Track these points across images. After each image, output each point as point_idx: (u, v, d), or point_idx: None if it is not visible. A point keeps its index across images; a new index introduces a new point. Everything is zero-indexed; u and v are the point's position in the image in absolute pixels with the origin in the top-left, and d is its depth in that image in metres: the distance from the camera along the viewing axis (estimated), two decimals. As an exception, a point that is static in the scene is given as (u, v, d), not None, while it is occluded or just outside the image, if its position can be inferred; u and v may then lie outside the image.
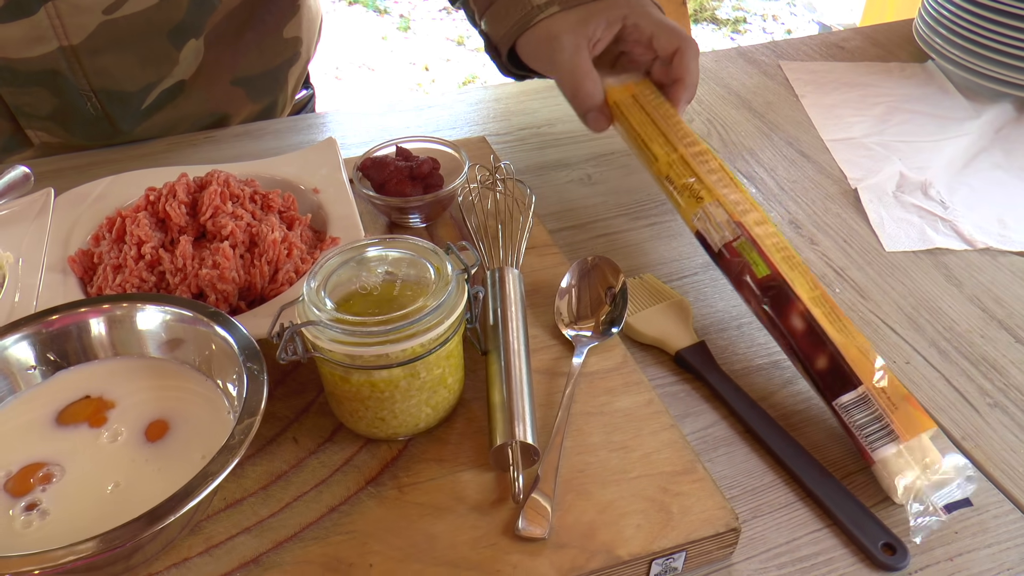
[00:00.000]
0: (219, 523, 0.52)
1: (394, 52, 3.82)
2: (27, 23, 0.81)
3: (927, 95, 1.01)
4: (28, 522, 0.48)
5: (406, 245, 0.56)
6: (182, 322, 0.56)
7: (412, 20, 4.07)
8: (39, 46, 0.83)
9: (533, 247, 0.73)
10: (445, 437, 0.57)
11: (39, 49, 0.84)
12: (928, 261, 0.77)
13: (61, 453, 0.52)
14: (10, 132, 0.90)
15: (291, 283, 0.63)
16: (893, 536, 0.54)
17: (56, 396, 0.55)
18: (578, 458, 0.56)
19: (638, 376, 0.61)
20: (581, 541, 0.51)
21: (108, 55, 0.87)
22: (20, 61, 0.84)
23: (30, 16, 0.81)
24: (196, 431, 0.53)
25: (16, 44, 0.83)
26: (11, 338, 0.54)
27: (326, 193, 0.72)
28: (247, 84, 0.99)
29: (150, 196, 0.67)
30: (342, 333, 0.51)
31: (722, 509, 0.53)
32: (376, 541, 0.51)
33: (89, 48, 0.85)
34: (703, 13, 4.04)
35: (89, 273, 0.65)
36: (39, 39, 0.83)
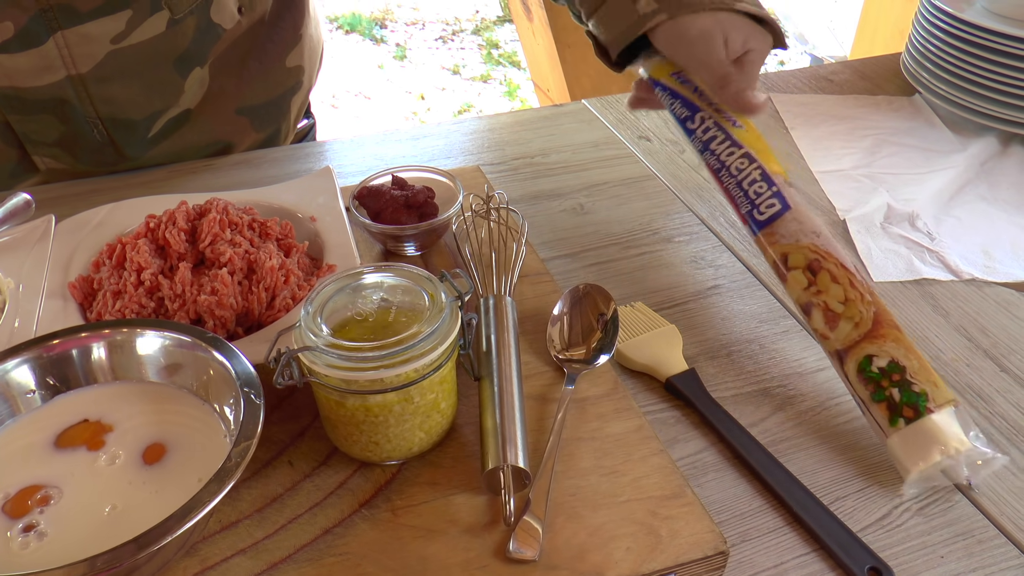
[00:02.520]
0: (215, 545, 0.53)
1: (391, 81, 3.86)
2: (36, 53, 0.83)
3: (914, 128, 1.03)
4: (26, 543, 0.49)
5: (401, 273, 0.57)
6: (181, 347, 0.57)
7: (408, 49, 4.11)
8: (47, 75, 0.85)
9: (526, 275, 0.74)
10: (438, 461, 0.58)
11: (47, 78, 0.85)
12: (915, 291, 0.78)
13: (59, 476, 0.52)
14: (17, 159, 0.92)
15: (288, 309, 0.64)
16: (879, 560, 0.55)
17: (55, 419, 0.56)
18: (569, 482, 0.56)
19: (628, 402, 0.62)
20: (571, 563, 0.52)
21: (115, 84, 0.88)
22: (29, 90, 0.85)
23: (39, 46, 0.83)
24: (193, 455, 0.54)
25: (25, 73, 0.84)
26: (12, 362, 0.55)
27: (323, 221, 0.73)
28: (251, 113, 1.01)
29: (150, 223, 0.68)
30: (338, 358, 0.52)
31: (711, 533, 0.53)
32: (369, 563, 0.52)
33: (96, 77, 0.87)
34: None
35: (89, 299, 0.66)
36: (47, 68, 0.84)
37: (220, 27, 0.93)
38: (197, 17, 0.90)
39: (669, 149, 1.00)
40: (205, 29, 0.91)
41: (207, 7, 0.91)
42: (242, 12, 0.95)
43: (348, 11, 4.32)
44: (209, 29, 0.92)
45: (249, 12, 0.96)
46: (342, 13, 4.32)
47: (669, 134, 1.03)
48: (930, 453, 0.58)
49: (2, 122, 0.88)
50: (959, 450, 0.57)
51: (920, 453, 0.58)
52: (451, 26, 4.31)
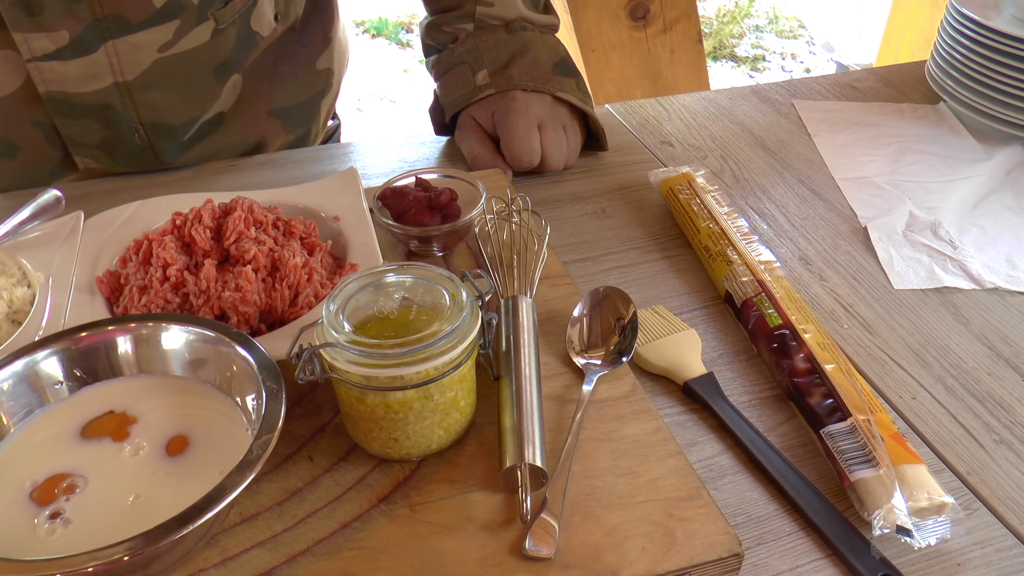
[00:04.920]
0: (235, 537, 0.54)
1: (416, 85, 3.87)
2: (86, 60, 0.86)
3: (938, 136, 1.03)
4: (52, 530, 0.50)
5: (423, 272, 0.58)
6: (205, 342, 0.58)
7: (434, 54, 4.12)
8: (96, 82, 0.88)
9: (547, 277, 0.74)
10: (456, 459, 0.59)
11: (95, 85, 0.88)
12: (936, 299, 0.78)
13: (85, 465, 0.53)
14: (59, 159, 0.94)
15: (310, 307, 0.65)
16: (892, 567, 0.55)
17: (81, 410, 0.57)
18: (586, 482, 0.57)
19: (646, 404, 0.63)
20: (586, 562, 0.52)
21: (158, 91, 0.91)
22: (77, 95, 0.88)
23: (90, 54, 0.85)
24: (215, 447, 0.54)
25: (75, 80, 0.87)
26: (41, 353, 0.57)
27: (346, 221, 0.74)
28: (282, 115, 1.03)
29: (176, 220, 0.69)
30: (359, 355, 0.52)
31: (726, 535, 0.54)
32: (386, 558, 0.52)
33: (141, 84, 0.90)
34: (722, 51, 4.08)
35: (116, 293, 0.67)
36: (96, 75, 0.87)
37: (259, 35, 0.96)
38: (238, 26, 0.93)
39: (691, 154, 1.00)
40: (245, 38, 0.94)
41: (248, 16, 0.94)
42: (278, 20, 0.98)
43: (375, 16, 4.35)
44: (249, 37, 0.95)
45: (284, 19, 0.99)
46: (368, 18, 4.35)
47: (691, 139, 1.03)
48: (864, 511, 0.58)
49: (49, 125, 0.91)
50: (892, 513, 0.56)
51: None
52: (477, 31, 4.32)
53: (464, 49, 0.96)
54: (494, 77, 0.94)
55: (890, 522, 0.55)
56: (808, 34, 4.21)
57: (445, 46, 0.99)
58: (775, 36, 4.24)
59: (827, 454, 0.61)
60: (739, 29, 4.23)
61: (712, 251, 0.78)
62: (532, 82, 0.93)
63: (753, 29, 4.29)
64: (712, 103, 1.12)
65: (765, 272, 0.74)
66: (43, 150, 0.93)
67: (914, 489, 0.57)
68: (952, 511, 0.57)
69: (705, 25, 4.19)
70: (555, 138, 0.93)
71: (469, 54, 0.96)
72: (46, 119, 0.90)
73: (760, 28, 4.30)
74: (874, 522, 0.56)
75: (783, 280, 0.74)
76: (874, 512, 0.56)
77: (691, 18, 1.64)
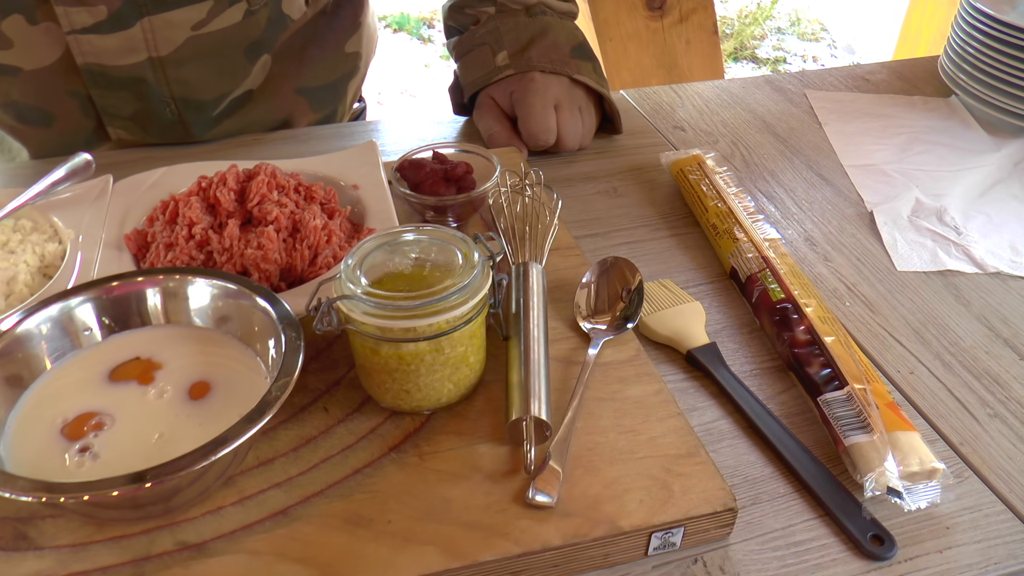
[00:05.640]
0: (252, 478, 0.56)
1: (436, 80, 3.90)
2: (123, 35, 0.89)
3: (948, 128, 1.05)
4: (81, 463, 0.52)
5: (437, 233, 0.60)
6: (228, 295, 0.61)
7: (456, 49, 4.15)
8: (131, 56, 0.91)
9: (557, 248, 0.77)
10: (465, 413, 0.61)
11: (131, 58, 0.91)
12: (938, 281, 0.80)
13: (112, 405, 0.56)
14: (92, 128, 0.98)
15: (329, 267, 0.67)
16: (882, 528, 0.57)
17: (110, 356, 0.60)
18: (588, 438, 0.59)
19: (649, 368, 0.65)
20: (586, 512, 0.54)
21: (190, 67, 0.94)
22: (112, 68, 0.92)
23: (127, 29, 0.89)
24: (235, 392, 0.57)
25: (112, 53, 0.90)
26: (75, 300, 0.60)
27: (365, 189, 0.77)
28: (310, 94, 1.06)
29: (202, 183, 0.72)
30: (374, 307, 0.55)
31: (721, 491, 0.56)
32: (395, 501, 0.55)
33: (174, 60, 0.93)
34: (743, 51, 4.08)
35: (142, 250, 0.70)
36: (132, 50, 0.91)
37: (289, 18, 0.99)
38: (270, 9, 0.96)
39: (703, 139, 1.02)
40: (276, 20, 0.98)
41: (279, 0, 0.97)
42: (308, 4, 1.01)
43: (397, 11, 4.37)
44: (279, 20, 0.98)
45: (314, 4, 1.02)
46: (391, 12, 4.38)
47: (703, 125, 1.05)
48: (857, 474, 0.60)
49: (85, 95, 0.95)
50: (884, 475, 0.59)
51: None
52: (498, 27, 4.34)
53: (485, 31, 0.99)
54: (513, 58, 0.96)
55: (881, 484, 0.58)
56: (830, 37, 4.21)
57: (466, 28, 1.02)
58: (797, 38, 4.24)
59: (823, 420, 0.63)
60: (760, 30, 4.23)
61: (719, 229, 0.81)
62: (550, 64, 0.96)
63: (775, 31, 4.29)
64: (725, 91, 1.14)
65: (769, 249, 0.76)
66: (78, 120, 0.96)
67: (906, 454, 0.59)
68: (943, 477, 0.59)
69: (726, 26, 4.20)
70: (571, 118, 0.96)
71: (490, 36, 0.98)
72: (82, 90, 0.93)
73: (782, 30, 4.30)
74: (866, 484, 0.58)
75: (787, 257, 0.76)
76: (866, 475, 0.58)
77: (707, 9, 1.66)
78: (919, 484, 0.59)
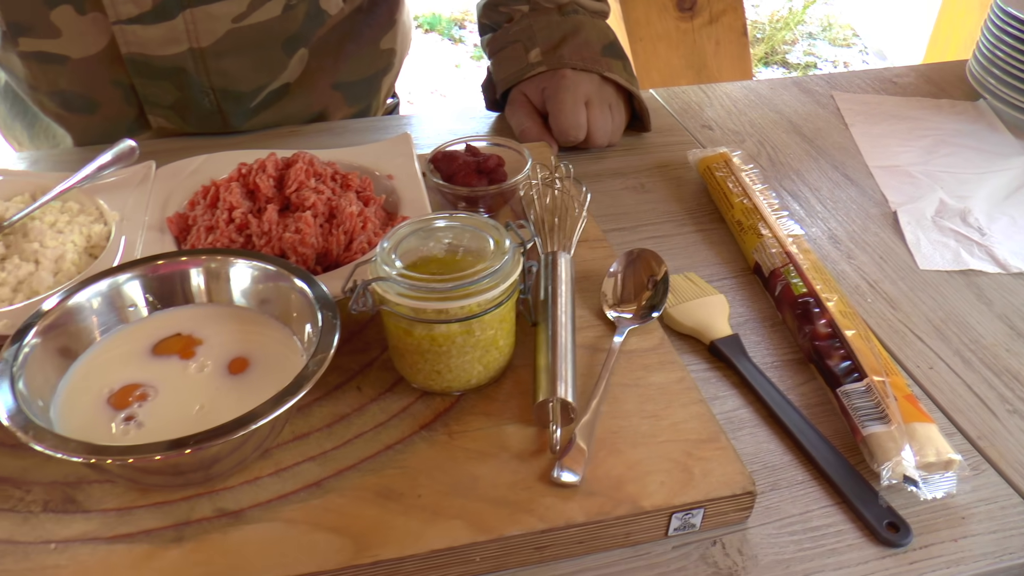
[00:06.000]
0: (287, 451, 0.59)
1: (466, 80, 3.92)
2: (166, 26, 0.92)
3: (976, 131, 1.06)
4: (126, 431, 0.55)
5: (470, 220, 0.62)
6: (267, 276, 0.63)
7: (486, 50, 4.17)
8: (173, 46, 0.94)
9: (585, 240, 0.79)
10: (493, 395, 0.63)
11: (172, 49, 0.94)
12: (960, 280, 0.81)
13: (155, 378, 0.59)
14: (134, 117, 1.01)
15: (363, 252, 0.70)
16: (898, 516, 0.59)
17: (153, 331, 0.62)
18: (612, 422, 0.61)
19: (673, 357, 0.67)
20: (609, 491, 0.56)
21: (229, 58, 0.97)
22: (155, 58, 0.95)
23: (170, 20, 0.92)
24: (272, 369, 0.59)
25: (155, 43, 0.93)
26: (123, 276, 0.62)
27: (399, 179, 0.79)
28: (345, 89, 1.09)
29: (242, 169, 0.74)
30: (408, 289, 0.57)
31: (740, 475, 0.57)
32: (425, 476, 0.57)
33: (214, 51, 0.96)
34: (774, 56, 4.08)
35: (184, 233, 0.73)
36: (174, 40, 0.94)
37: (326, 13, 1.01)
38: (308, 3, 0.98)
39: (730, 138, 1.04)
40: (314, 15, 1.00)
41: None
42: (345, 0, 1.03)
43: (428, 11, 4.41)
44: (317, 15, 1.00)
45: (351, 0, 1.04)
46: (422, 13, 4.41)
47: (731, 124, 1.07)
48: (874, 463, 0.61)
49: (127, 84, 0.98)
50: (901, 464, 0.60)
51: None
52: (529, 28, 4.35)
53: (519, 28, 1.01)
54: (546, 55, 0.98)
55: (898, 473, 0.59)
56: (861, 42, 4.20)
57: (500, 26, 1.04)
58: (828, 44, 4.24)
59: (842, 411, 0.65)
60: (792, 35, 4.23)
61: (744, 225, 0.82)
62: (582, 61, 0.98)
63: (806, 36, 4.29)
64: (753, 92, 1.15)
65: (793, 245, 0.78)
66: (120, 108, 0.99)
67: (923, 445, 0.60)
68: (959, 468, 0.60)
69: (757, 30, 4.20)
70: (601, 115, 0.98)
71: (523, 33, 1.01)
72: (125, 79, 0.96)
73: (813, 35, 4.30)
74: (883, 473, 0.59)
75: (810, 253, 0.77)
76: (883, 464, 0.60)
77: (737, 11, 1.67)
78: (935, 474, 0.60)
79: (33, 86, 0.98)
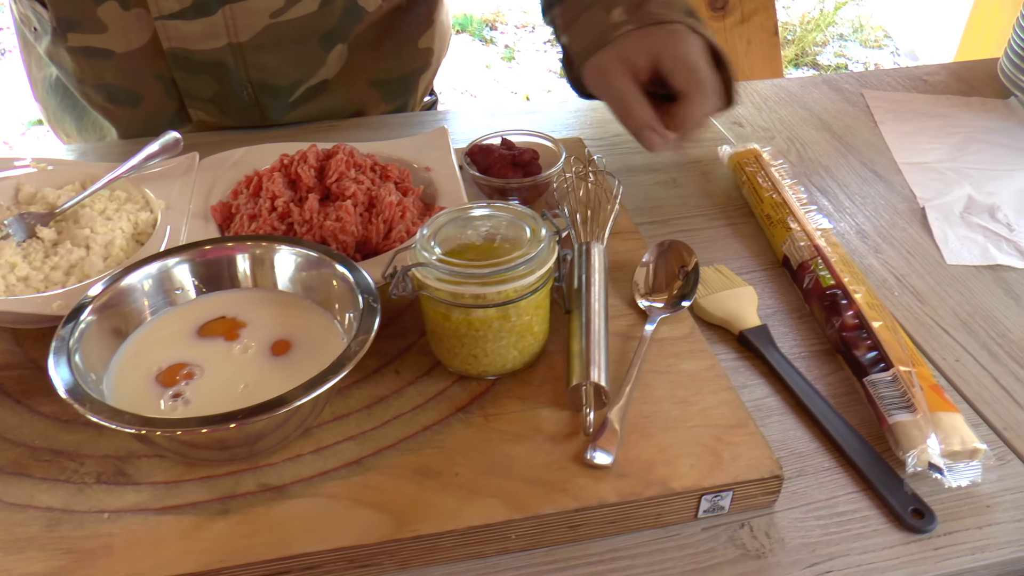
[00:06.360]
0: (327, 431, 0.61)
1: (498, 81, 3.94)
2: (206, 21, 0.95)
3: (1006, 128, 1.06)
4: (174, 407, 0.57)
5: (507, 209, 0.64)
6: (309, 262, 0.65)
7: (517, 51, 4.19)
8: (212, 41, 0.96)
9: (617, 232, 0.80)
10: (528, 379, 0.65)
11: (212, 44, 0.97)
12: (988, 275, 0.82)
13: (201, 357, 0.61)
14: (175, 110, 1.04)
15: (402, 241, 0.72)
16: (922, 502, 0.60)
17: (199, 313, 0.65)
18: (643, 407, 0.63)
19: (703, 345, 0.68)
20: (640, 473, 0.58)
21: (267, 53, 0.99)
22: (195, 52, 0.97)
23: (210, 15, 0.94)
24: (314, 351, 0.61)
25: (195, 38, 0.96)
26: (172, 260, 0.65)
27: (436, 172, 0.81)
28: (383, 86, 1.11)
29: (284, 160, 0.76)
30: (447, 274, 0.59)
31: (768, 459, 0.59)
32: (462, 456, 0.59)
33: (253, 46, 0.98)
34: (804, 58, 4.07)
35: (227, 221, 0.75)
36: (213, 35, 0.96)
37: (364, 10, 1.03)
38: (345, 0, 1.00)
39: (760, 134, 1.05)
40: (351, 11, 1.01)
41: None
42: None
43: (460, 12, 4.43)
44: (354, 11, 1.02)
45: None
46: (454, 14, 4.43)
47: (761, 121, 1.08)
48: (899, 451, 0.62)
49: (169, 78, 1.00)
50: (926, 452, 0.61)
51: None
52: (559, 29, 4.37)
53: None
54: (631, 12, 0.82)
55: (923, 461, 0.60)
56: (893, 44, 4.18)
57: None
58: (859, 45, 4.22)
59: (868, 400, 0.66)
60: (823, 37, 4.22)
61: (773, 219, 0.83)
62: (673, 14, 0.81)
63: (837, 37, 4.27)
64: (783, 89, 1.16)
65: (821, 238, 0.79)
66: (162, 101, 1.02)
67: (948, 434, 0.61)
68: (984, 457, 0.61)
69: (788, 32, 4.19)
70: None
71: None
72: (167, 73, 0.99)
73: (844, 37, 4.28)
74: (908, 460, 0.60)
75: (838, 247, 0.79)
76: (909, 451, 0.61)
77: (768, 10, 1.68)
78: (960, 463, 0.61)
79: (81, 79, 1.01)
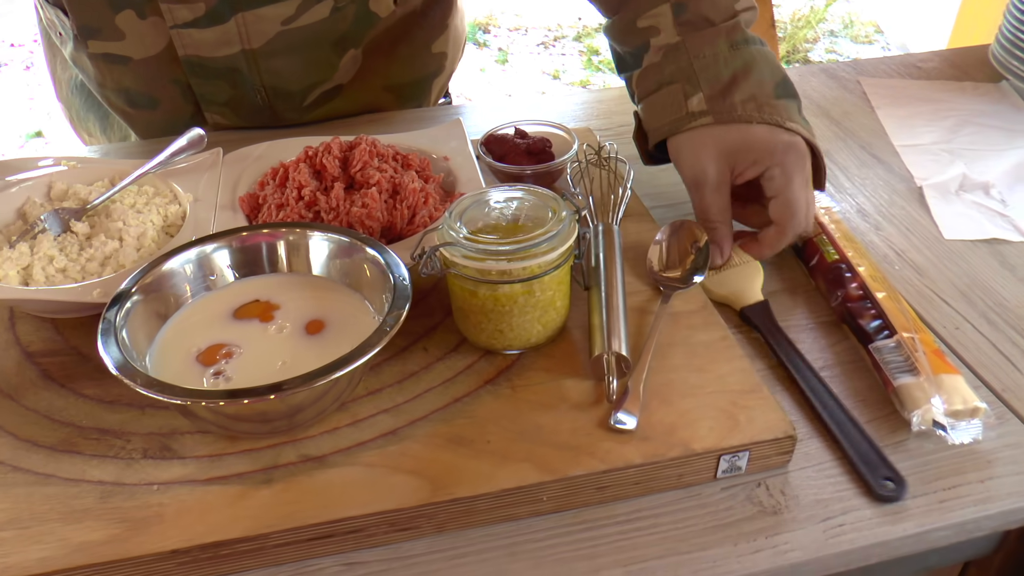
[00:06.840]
0: (362, 405, 0.64)
1: (491, 84, 3.98)
2: (220, 29, 0.97)
3: (998, 111, 1.10)
4: (215, 385, 0.60)
5: (528, 191, 0.67)
6: (341, 246, 0.68)
7: (510, 54, 4.23)
8: (226, 48, 0.99)
9: (630, 215, 0.83)
10: (551, 353, 0.68)
11: (226, 50, 0.99)
12: (984, 249, 0.85)
13: (239, 338, 0.64)
14: (191, 114, 1.07)
15: (425, 226, 0.75)
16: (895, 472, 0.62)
17: (234, 297, 0.68)
18: (662, 375, 0.66)
19: (715, 318, 0.71)
20: (662, 436, 0.61)
21: (280, 58, 1.02)
22: (210, 59, 1.00)
23: (223, 23, 0.97)
24: (347, 330, 0.65)
25: (209, 45, 0.99)
26: (210, 246, 0.68)
27: (455, 160, 0.84)
28: (397, 91, 1.14)
29: (308, 151, 0.80)
30: (474, 251, 0.62)
31: (782, 421, 0.62)
32: (493, 425, 0.62)
33: (265, 52, 1.01)
34: (796, 55, 4.11)
35: (255, 211, 0.78)
36: (227, 42, 0.99)
37: (376, 15, 1.05)
38: (357, 5, 1.02)
39: (762, 122, 1.08)
40: (363, 16, 1.03)
41: None
42: (397, 3, 1.06)
43: (453, 14, 4.47)
44: (366, 16, 1.04)
45: (403, 3, 1.07)
46: (448, 16, 4.46)
47: (763, 109, 1.11)
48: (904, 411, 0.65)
49: (185, 83, 1.03)
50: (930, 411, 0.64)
51: None
52: (553, 32, 4.41)
53: (675, 68, 0.81)
54: (711, 102, 0.79)
55: (927, 420, 0.63)
56: (884, 39, 4.23)
57: (642, 54, 0.85)
58: (850, 41, 4.26)
59: (874, 365, 0.69)
60: (813, 34, 4.26)
61: None
62: (757, 112, 0.78)
63: (828, 34, 4.32)
64: (783, 78, 1.19)
65: (824, 216, 0.82)
66: (179, 105, 1.05)
67: (950, 394, 0.64)
68: (985, 416, 0.64)
69: (779, 29, 4.23)
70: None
71: (681, 73, 0.81)
72: (183, 78, 1.02)
73: (835, 33, 4.32)
74: (913, 420, 0.64)
75: (841, 224, 0.82)
76: (913, 411, 0.64)
77: (765, 3, 1.71)
78: (962, 421, 0.64)
79: (101, 84, 1.04)
